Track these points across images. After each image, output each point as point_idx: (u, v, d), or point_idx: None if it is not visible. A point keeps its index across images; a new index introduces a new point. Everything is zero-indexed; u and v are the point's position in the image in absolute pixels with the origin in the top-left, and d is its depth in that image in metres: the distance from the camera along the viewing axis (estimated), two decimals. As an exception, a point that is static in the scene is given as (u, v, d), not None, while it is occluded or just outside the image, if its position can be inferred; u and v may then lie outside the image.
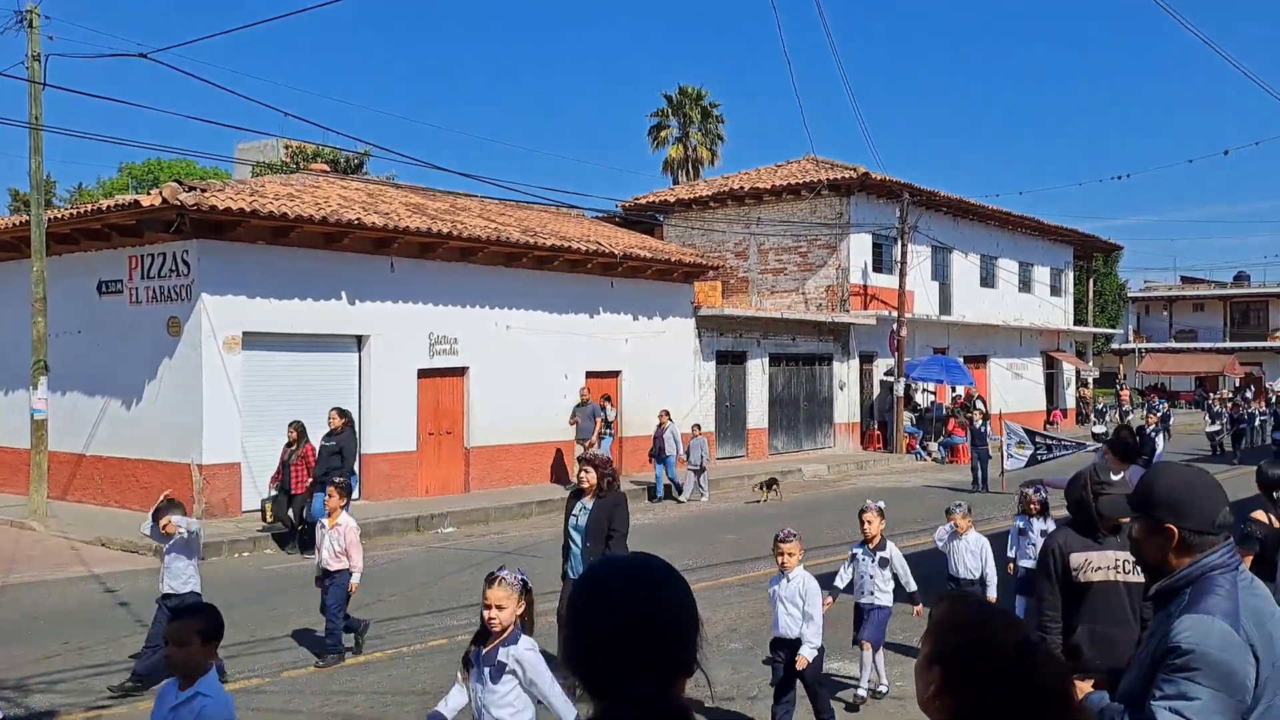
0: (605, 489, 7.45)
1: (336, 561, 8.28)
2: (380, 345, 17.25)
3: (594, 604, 1.68)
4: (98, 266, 16.51)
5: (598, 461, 7.55)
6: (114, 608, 10.46)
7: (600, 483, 7.44)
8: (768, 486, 17.84)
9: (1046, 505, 8.45)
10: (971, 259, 33.12)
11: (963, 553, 8.21)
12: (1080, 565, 4.57)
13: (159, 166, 51.52)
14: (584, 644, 1.66)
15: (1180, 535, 2.58)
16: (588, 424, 19.22)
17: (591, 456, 7.72)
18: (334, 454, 13.20)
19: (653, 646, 1.63)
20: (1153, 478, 2.74)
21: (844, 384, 27.81)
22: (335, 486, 8.48)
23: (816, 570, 7.37)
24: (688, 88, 46.60)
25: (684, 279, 23.22)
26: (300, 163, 30.73)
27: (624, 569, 1.75)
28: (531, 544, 14.21)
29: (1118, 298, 51.89)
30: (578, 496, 7.57)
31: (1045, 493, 8.55)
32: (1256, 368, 55.57)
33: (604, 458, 7.76)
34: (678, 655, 1.65)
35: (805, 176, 27.79)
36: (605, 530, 7.31)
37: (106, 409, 16.39)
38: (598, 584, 1.72)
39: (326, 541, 8.34)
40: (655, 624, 1.64)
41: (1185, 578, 2.54)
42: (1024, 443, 19.76)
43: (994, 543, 8.62)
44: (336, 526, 8.32)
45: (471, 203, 22.11)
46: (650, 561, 1.76)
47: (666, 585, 1.70)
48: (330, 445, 13.37)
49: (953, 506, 8.39)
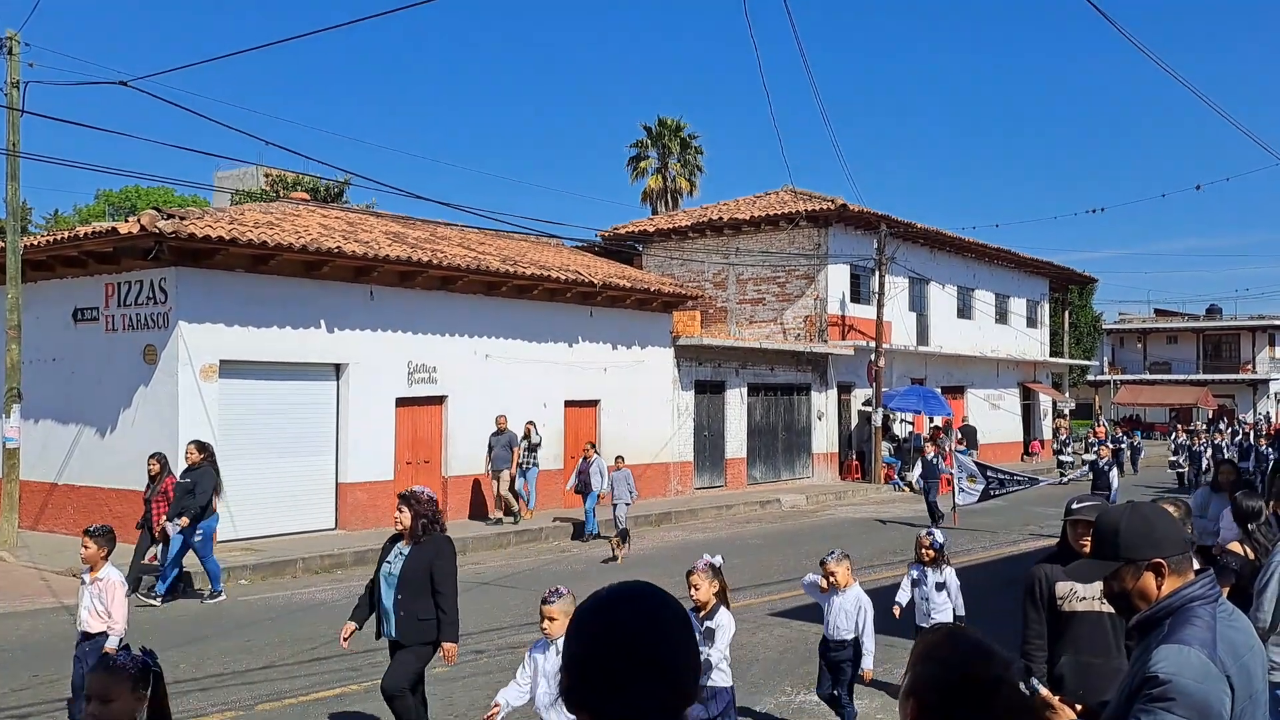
0: (423, 533, 6.32)
1: (97, 621, 6.90)
2: (359, 374, 17.17)
3: (606, 639, 1.63)
4: (74, 294, 16.39)
5: (415, 499, 6.39)
6: (205, 622, 10.29)
7: (415, 525, 6.32)
8: (622, 539, 15.79)
9: (943, 552, 7.71)
10: (949, 290, 33.38)
11: (836, 612, 6.90)
12: (1065, 594, 4.60)
13: (137, 194, 51.36)
14: (594, 681, 1.62)
15: (1167, 565, 2.60)
16: (503, 454, 18.18)
17: (410, 494, 6.47)
18: (187, 492, 12.15)
19: (664, 679, 1.60)
20: (1110, 526, 2.73)
21: (822, 414, 27.88)
22: (90, 535, 7.00)
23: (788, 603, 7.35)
24: (667, 119, 46.96)
25: (663, 309, 23.28)
26: (280, 191, 30.70)
27: (631, 600, 1.69)
28: (508, 574, 14.13)
29: (1093, 330, 52.38)
30: (395, 540, 6.50)
31: (943, 539, 7.81)
32: (1229, 400, 56.12)
33: (425, 495, 6.48)
34: (687, 687, 1.64)
35: (784, 208, 27.99)
36: (424, 583, 6.26)
37: (80, 437, 16.21)
38: (607, 621, 1.67)
39: (86, 598, 6.97)
40: (666, 657, 1.62)
41: (1166, 608, 2.55)
42: (975, 477, 19.01)
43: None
44: (98, 580, 6.93)
45: (451, 231, 22.13)
46: (653, 591, 1.72)
47: (674, 616, 1.68)
48: (185, 482, 12.28)
49: (828, 556, 6.98)
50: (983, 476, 18.96)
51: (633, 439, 22.20)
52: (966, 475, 18.93)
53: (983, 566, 14.83)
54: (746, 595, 12.39)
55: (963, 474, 18.95)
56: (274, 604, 12.11)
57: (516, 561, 15.48)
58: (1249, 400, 56.74)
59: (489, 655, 9.43)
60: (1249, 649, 2.47)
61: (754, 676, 8.64)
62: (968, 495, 18.83)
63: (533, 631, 6.23)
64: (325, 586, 13.25)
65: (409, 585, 6.27)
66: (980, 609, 8.48)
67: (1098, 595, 4.54)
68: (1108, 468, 17.68)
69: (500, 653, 9.48)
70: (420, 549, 6.32)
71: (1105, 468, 17.66)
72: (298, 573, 14.18)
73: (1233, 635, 2.47)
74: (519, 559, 15.76)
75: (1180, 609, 2.53)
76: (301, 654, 9.52)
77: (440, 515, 6.59)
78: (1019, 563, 14.12)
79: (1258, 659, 2.51)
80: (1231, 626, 2.51)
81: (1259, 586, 5.21)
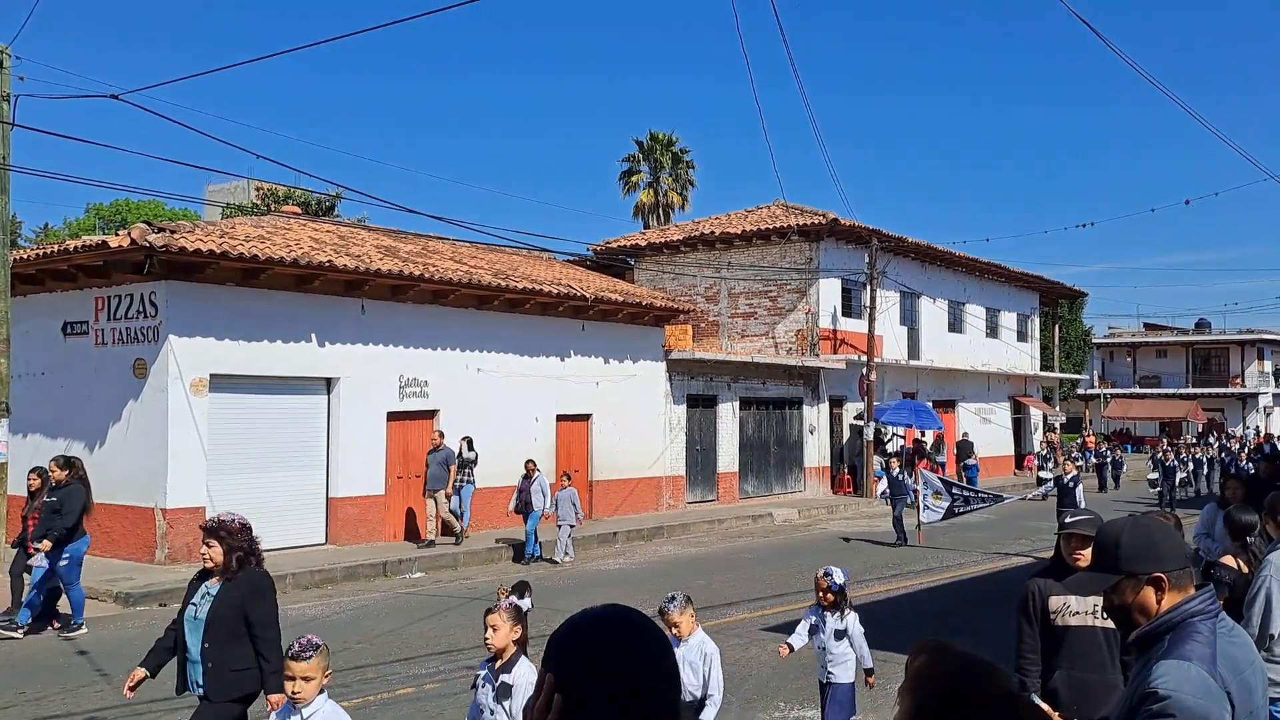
0: (236, 568, 5.55)
1: None
2: (350, 388, 17.12)
3: (576, 661, 1.58)
4: (63, 307, 16.32)
5: (224, 531, 5.60)
6: (72, 656, 10.22)
7: (229, 559, 5.54)
8: (518, 592, 15.10)
9: (844, 594, 6.56)
10: (939, 304, 33.47)
11: (681, 663, 5.87)
12: (1059, 609, 4.59)
13: (127, 207, 51.27)
14: (567, 704, 1.56)
15: (1168, 579, 2.59)
16: (439, 471, 16.94)
17: (216, 524, 5.69)
18: (54, 512, 11.16)
19: (647, 708, 1.56)
20: (1111, 539, 2.72)
21: (814, 428, 27.89)
22: None
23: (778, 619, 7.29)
24: (659, 134, 47.10)
25: (655, 322, 23.28)
26: (271, 205, 30.67)
27: (605, 623, 1.63)
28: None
29: (1083, 344, 52.55)
30: (203, 578, 5.69)
31: (843, 580, 6.59)
32: (1218, 414, 56.33)
33: (236, 524, 5.68)
34: (661, 711, 1.58)
35: (775, 222, 28.05)
36: (238, 628, 5.48)
37: (69, 452, 16.06)
38: (578, 641, 1.61)
39: None
40: (649, 686, 1.57)
41: (1167, 623, 2.54)
42: (940, 494, 18.29)
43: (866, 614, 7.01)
44: None
45: (443, 245, 22.12)
46: (633, 616, 1.65)
47: (650, 639, 1.62)
48: (52, 501, 11.27)
49: (667, 604, 5.84)
50: (948, 494, 18.36)
51: (625, 453, 22.17)
52: (932, 492, 18.30)
53: (975, 580, 14.82)
54: (740, 610, 12.35)
55: (928, 491, 18.31)
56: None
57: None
58: (1238, 414, 56.95)
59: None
60: (1249, 664, 2.46)
61: (747, 692, 8.60)
62: (932, 513, 18.20)
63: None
64: (315, 602, 13.17)
65: (218, 630, 5.44)
66: (971, 623, 8.47)
67: (1091, 610, 4.53)
68: (1073, 484, 16.97)
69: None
70: (231, 587, 5.50)
71: (1070, 484, 16.94)
72: (287, 588, 14.07)
73: (1233, 651, 2.46)
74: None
75: (1180, 624, 2.52)
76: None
77: (257, 546, 5.77)
78: (1013, 577, 14.11)
79: (1258, 674, 2.50)
80: (1232, 642, 2.49)
81: (1248, 599, 5.21)
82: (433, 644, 10.51)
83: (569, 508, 16.58)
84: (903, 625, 10.31)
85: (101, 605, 12.76)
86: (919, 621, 11.05)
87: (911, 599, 13.38)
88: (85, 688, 8.83)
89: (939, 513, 18.17)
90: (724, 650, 10.12)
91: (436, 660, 9.85)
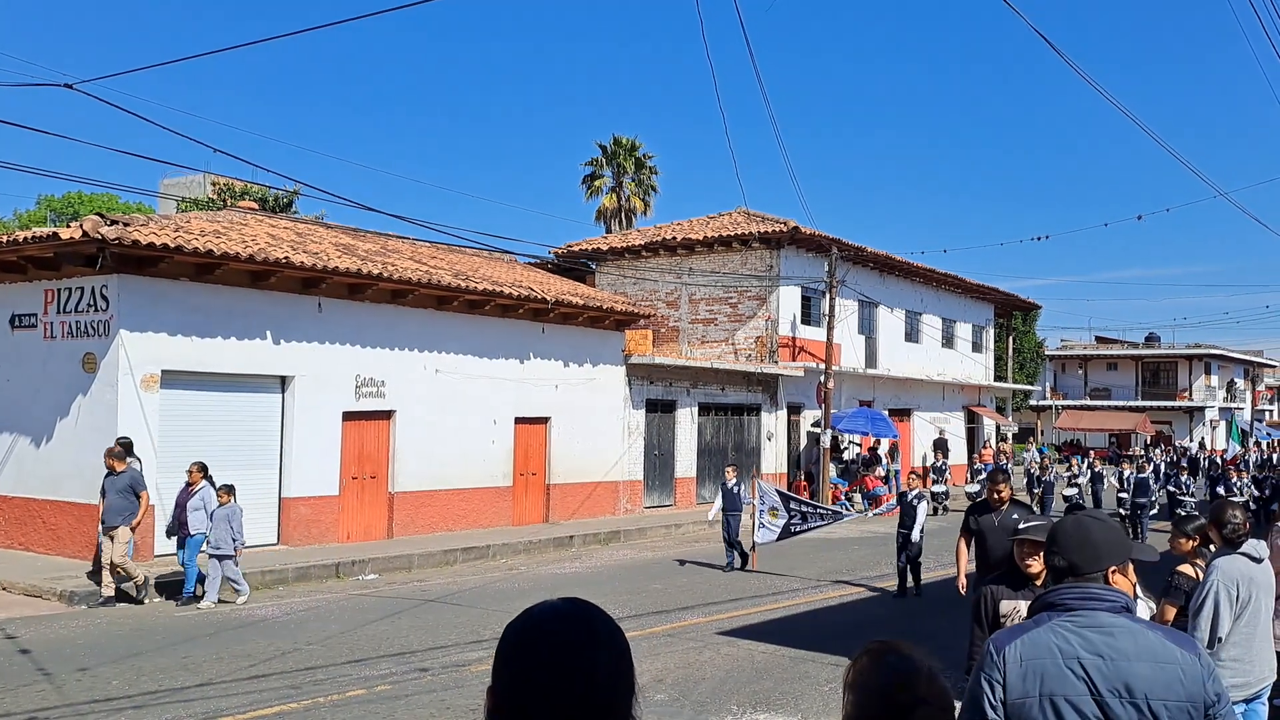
0: None
1: None
2: (305, 386, 16.92)
3: (525, 654, 1.56)
4: (11, 300, 15.98)
5: None
6: (14, 655, 9.99)
7: None
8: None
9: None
10: (897, 314, 33.80)
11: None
12: (1009, 612, 4.66)
13: (79, 200, 50.43)
14: (513, 695, 1.53)
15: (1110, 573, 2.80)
16: (119, 502, 12.84)
17: None
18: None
19: (606, 710, 1.53)
20: (1077, 537, 2.83)
21: (772, 434, 28.02)
22: None
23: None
24: (622, 138, 47.10)
25: (615, 327, 23.27)
26: (227, 200, 30.24)
27: (557, 618, 1.59)
28: (454, 592, 13.97)
29: (1036, 355, 53.30)
30: None
31: None
32: (1167, 425, 57.42)
33: None
34: (612, 706, 1.55)
35: (737, 229, 28.17)
36: None
37: (15, 447, 15.79)
38: (530, 635, 1.58)
39: None
40: (608, 685, 1.55)
41: (1041, 604, 2.79)
42: (777, 510, 16.26)
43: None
44: None
45: (403, 245, 21.96)
46: (584, 608, 1.62)
47: (603, 633, 1.59)
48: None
49: None
50: (785, 510, 16.36)
51: (583, 456, 22.14)
52: (769, 508, 16.29)
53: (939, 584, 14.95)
54: (694, 614, 12.36)
55: (764, 507, 16.28)
56: (212, 619, 11.85)
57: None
58: (1185, 427, 58.07)
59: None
60: (1064, 654, 2.57)
61: (700, 696, 8.60)
62: (768, 532, 16.20)
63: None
64: (266, 602, 12.99)
65: None
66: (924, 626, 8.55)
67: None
68: (916, 500, 14.48)
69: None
70: None
71: (914, 501, 14.46)
72: (238, 588, 13.88)
73: (1050, 640, 2.59)
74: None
75: (1040, 610, 2.73)
76: (240, 671, 9.31)
77: None
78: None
79: (1083, 666, 2.56)
80: (1058, 634, 2.60)
81: (1193, 608, 5.31)
82: (385, 646, 10.41)
83: (224, 529, 12.62)
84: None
85: (45, 604, 12.51)
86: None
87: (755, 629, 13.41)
88: (27, 687, 8.64)
89: (774, 531, 16.22)
90: (678, 654, 10.17)
91: (389, 662, 9.76)
